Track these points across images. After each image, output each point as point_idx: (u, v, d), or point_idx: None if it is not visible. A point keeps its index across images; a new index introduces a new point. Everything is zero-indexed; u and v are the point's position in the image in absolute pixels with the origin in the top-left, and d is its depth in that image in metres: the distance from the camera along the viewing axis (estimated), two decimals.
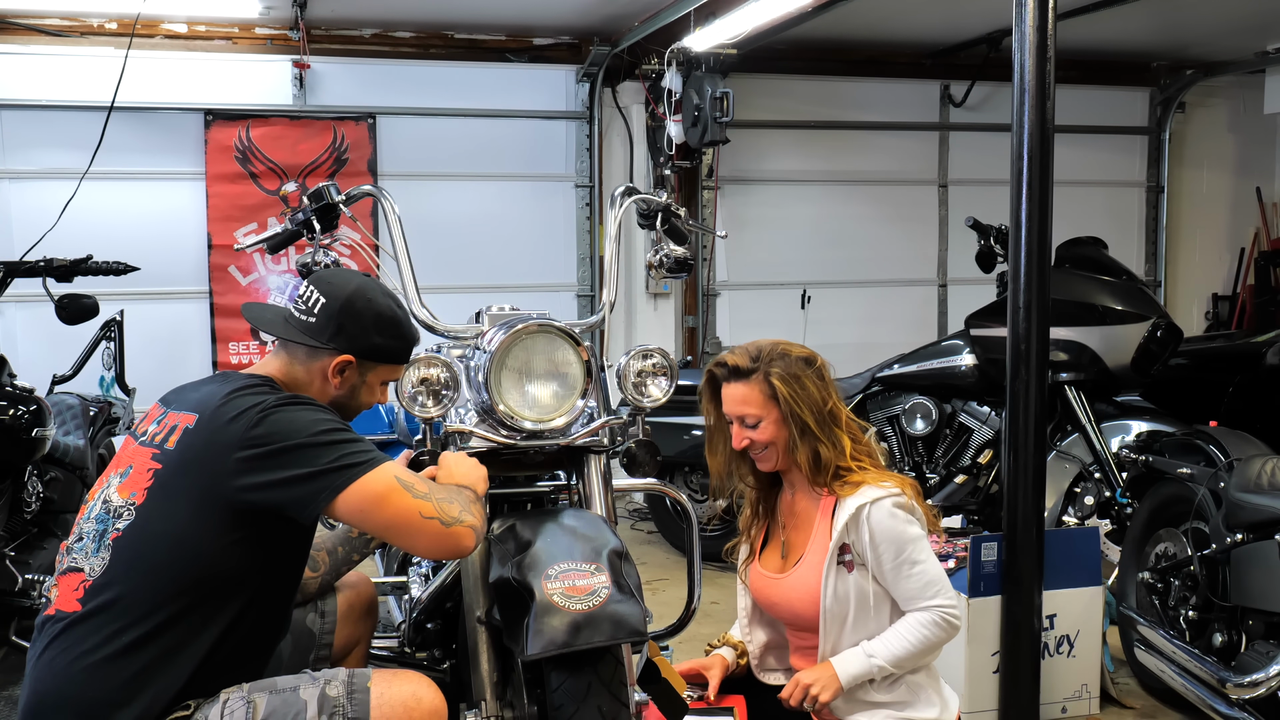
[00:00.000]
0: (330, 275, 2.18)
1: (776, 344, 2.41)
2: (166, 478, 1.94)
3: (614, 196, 2.68)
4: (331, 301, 2.09)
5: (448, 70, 6.32)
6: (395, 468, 1.94)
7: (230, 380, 2.06)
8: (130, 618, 1.85)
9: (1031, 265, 2.99)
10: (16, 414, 3.16)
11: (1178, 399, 4.73)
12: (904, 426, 4.75)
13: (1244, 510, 2.99)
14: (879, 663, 2.28)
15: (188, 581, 1.88)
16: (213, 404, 1.96)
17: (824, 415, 2.34)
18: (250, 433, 1.89)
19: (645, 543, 5.62)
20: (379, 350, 2.13)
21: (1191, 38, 6.94)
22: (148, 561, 1.89)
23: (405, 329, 2.18)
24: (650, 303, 6.80)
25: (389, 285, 2.53)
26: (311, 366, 2.11)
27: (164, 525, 1.90)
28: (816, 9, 5.16)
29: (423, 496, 1.91)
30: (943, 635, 2.30)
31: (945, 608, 2.29)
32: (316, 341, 2.09)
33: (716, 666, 2.49)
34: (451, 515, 1.91)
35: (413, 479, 1.94)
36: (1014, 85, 2.96)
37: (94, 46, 5.73)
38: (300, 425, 1.91)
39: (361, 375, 2.14)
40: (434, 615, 2.42)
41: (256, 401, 1.93)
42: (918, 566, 2.29)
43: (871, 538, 2.28)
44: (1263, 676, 2.80)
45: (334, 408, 2.11)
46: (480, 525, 1.96)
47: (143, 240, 5.61)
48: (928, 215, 7.29)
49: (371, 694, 1.88)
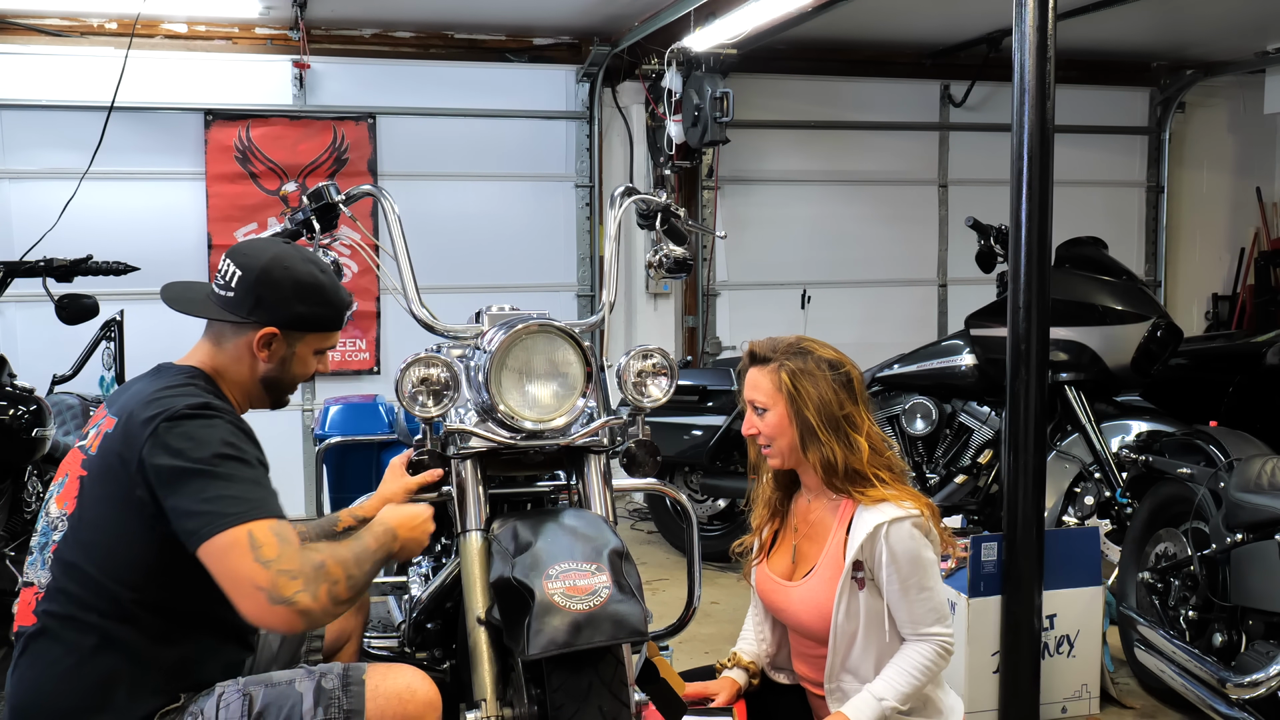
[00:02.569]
0: (246, 246, 2.08)
1: (804, 340, 2.40)
2: (90, 485, 1.92)
3: (614, 196, 2.68)
4: (248, 273, 2.01)
5: (448, 70, 6.32)
6: (258, 526, 1.79)
7: (160, 376, 2.01)
8: (78, 629, 1.85)
9: (1031, 265, 2.99)
10: (16, 414, 3.16)
11: (1178, 399, 4.73)
12: (904, 426, 4.75)
13: (1244, 510, 2.99)
14: (891, 704, 2.26)
15: (124, 590, 1.85)
16: (131, 406, 1.91)
17: (834, 418, 2.31)
18: (150, 446, 1.83)
19: (645, 543, 5.62)
20: (303, 319, 2.05)
21: (1191, 38, 6.94)
22: (81, 572, 1.87)
23: (330, 294, 2.08)
24: (650, 303, 6.80)
25: (390, 285, 2.53)
26: (238, 343, 2.04)
27: (91, 535, 1.88)
28: (816, 9, 5.16)
29: (264, 563, 1.76)
30: (942, 665, 2.30)
31: (943, 637, 2.28)
32: (237, 316, 2.02)
33: (726, 690, 2.45)
34: (283, 594, 1.75)
35: (271, 540, 1.78)
36: (1014, 85, 2.96)
37: (94, 46, 5.73)
38: (197, 445, 1.83)
39: (290, 347, 2.06)
40: (434, 615, 2.42)
41: (160, 411, 1.86)
42: (925, 592, 2.27)
43: (886, 557, 2.26)
44: (1263, 676, 2.80)
45: (268, 384, 2.07)
46: (324, 608, 1.79)
47: (143, 240, 5.60)
48: (928, 215, 7.28)
49: (367, 686, 1.88)
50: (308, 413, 6.12)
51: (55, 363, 4.42)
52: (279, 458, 2.06)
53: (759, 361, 2.39)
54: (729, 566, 4.93)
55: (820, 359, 2.36)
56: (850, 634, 2.32)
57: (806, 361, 2.34)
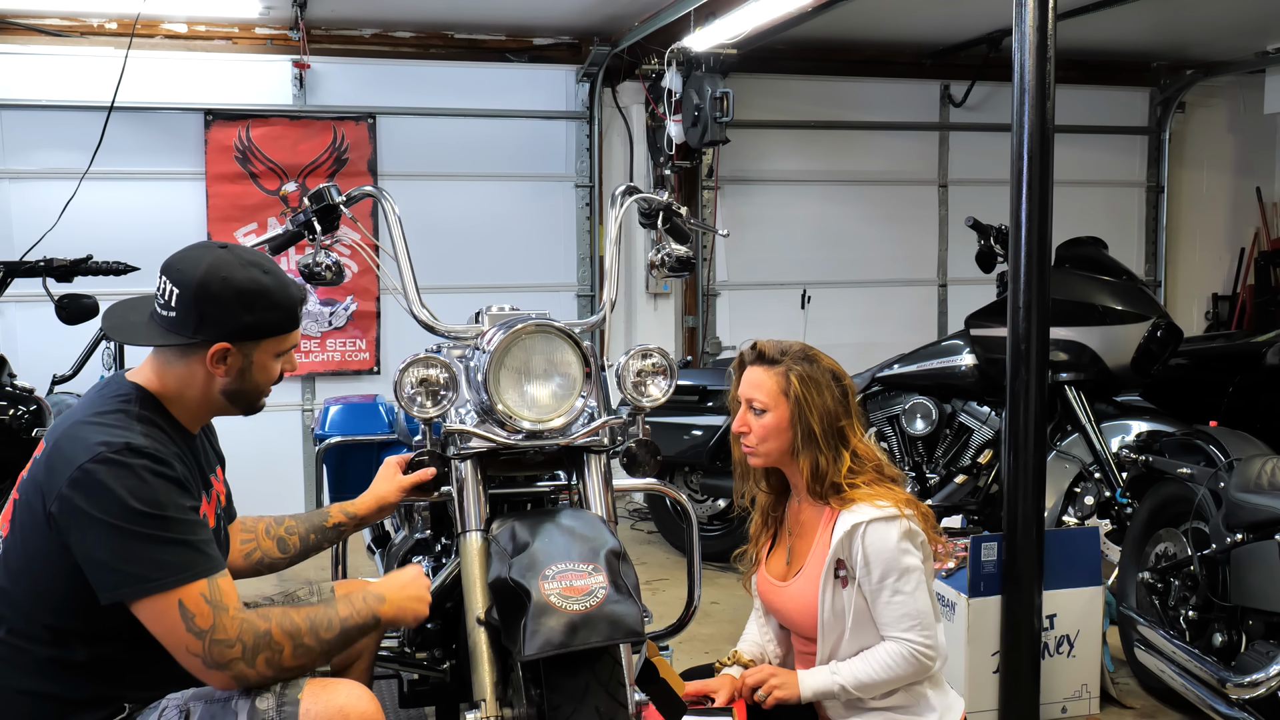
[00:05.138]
0: (179, 260, 1.95)
1: (809, 348, 2.41)
2: (20, 511, 1.88)
3: (615, 196, 2.68)
4: (185, 289, 1.90)
5: (448, 70, 6.32)
6: (188, 592, 1.76)
7: (99, 395, 1.94)
8: (11, 651, 1.84)
9: (1031, 265, 2.99)
10: (16, 414, 3.16)
11: (1178, 399, 4.73)
12: (904, 426, 4.75)
13: (1244, 510, 2.99)
14: (841, 682, 2.29)
15: (56, 618, 1.83)
16: (58, 433, 1.86)
17: (833, 429, 2.33)
18: (59, 499, 1.77)
19: (645, 543, 5.62)
20: (253, 328, 1.94)
21: (1191, 38, 6.94)
22: (11, 598, 1.86)
23: (276, 296, 1.96)
24: (650, 303, 6.80)
25: (390, 285, 2.53)
26: (190, 362, 1.94)
27: (18, 562, 1.86)
28: (816, 9, 5.16)
29: (198, 633, 1.75)
30: (912, 671, 2.28)
31: (919, 644, 2.27)
32: (183, 337, 1.91)
33: (725, 688, 2.44)
34: (218, 660, 1.77)
35: (203, 609, 1.76)
36: (1014, 85, 2.96)
37: (94, 46, 5.73)
38: (109, 500, 1.75)
39: (246, 357, 1.96)
40: (434, 615, 2.41)
41: (75, 454, 1.78)
42: (899, 596, 2.27)
43: (861, 558, 2.27)
44: (1263, 676, 2.80)
45: (232, 397, 1.99)
46: (263, 675, 1.80)
47: (143, 240, 5.57)
48: (928, 215, 7.29)
49: (301, 706, 1.83)
50: (308, 413, 6.12)
51: (55, 363, 4.42)
52: (279, 458, 2.06)
53: (766, 362, 2.39)
54: (729, 567, 4.93)
55: (825, 369, 2.37)
56: (838, 630, 2.33)
57: (814, 369, 2.35)
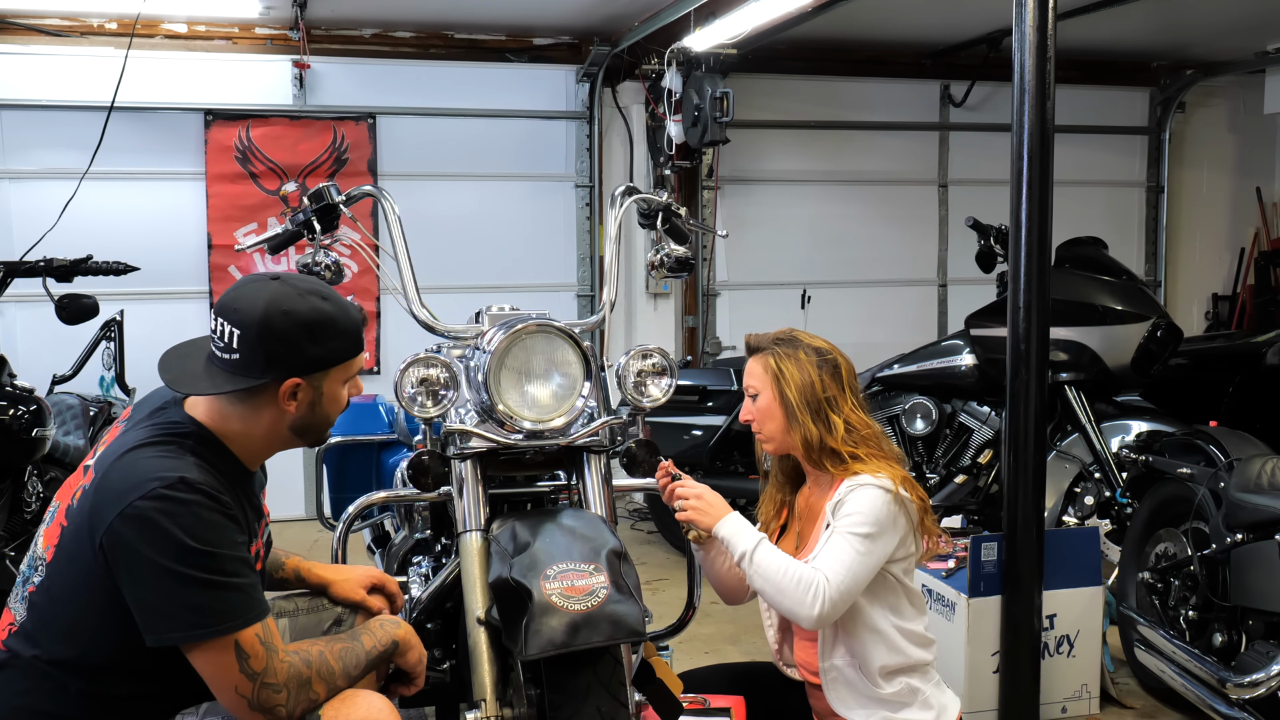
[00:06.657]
0: (234, 299, 1.88)
1: (794, 332, 2.49)
2: (67, 540, 1.83)
3: (614, 196, 2.68)
4: (246, 330, 1.84)
5: (447, 70, 6.32)
6: (245, 635, 1.75)
7: (151, 423, 1.89)
8: (39, 674, 1.81)
9: (1031, 265, 2.99)
10: (16, 414, 3.16)
11: (1178, 399, 4.73)
12: (904, 426, 4.75)
13: (1244, 510, 2.99)
14: (743, 548, 2.25)
15: (92, 651, 1.80)
16: (107, 464, 1.81)
17: (816, 399, 2.36)
18: (109, 535, 1.73)
19: (645, 543, 5.62)
20: (322, 360, 1.90)
21: (1191, 38, 6.94)
22: (51, 625, 1.82)
23: (342, 322, 1.92)
24: (650, 303, 6.80)
25: (390, 285, 2.53)
26: (257, 402, 1.89)
27: (62, 592, 1.82)
28: (816, 9, 5.16)
29: (250, 675, 1.74)
30: (801, 597, 2.20)
31: (822, 586, 2.19)
32: (250, 379, 1.86)
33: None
34: (264, 704, 1.75)
35: (258, 650, 1.75)
36: (1014, 85, 2.96)
37: (94, 46, 5.74)
38: (164, 540, 1.71)
39: (316, 389, 1.92)
40: (434, 615, 2.41)
41: (127, 489, 1.73)
42: (840, 545, 2.23)
43: (844, 506, 2.27)
44: (1263, 676, 2.80)
45: (300, 430, 1.95)
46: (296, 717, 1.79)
47: (143, 240, 5.61)
48: (928, 215, 7.29)
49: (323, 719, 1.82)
50: None
51: (55, 363, 4.43)
52: (279, 457, 2.04)
53: (751, 351, 2.49)
54: None
55: (808, 346, 2.44)
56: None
57: (792, 348, 2.42)
